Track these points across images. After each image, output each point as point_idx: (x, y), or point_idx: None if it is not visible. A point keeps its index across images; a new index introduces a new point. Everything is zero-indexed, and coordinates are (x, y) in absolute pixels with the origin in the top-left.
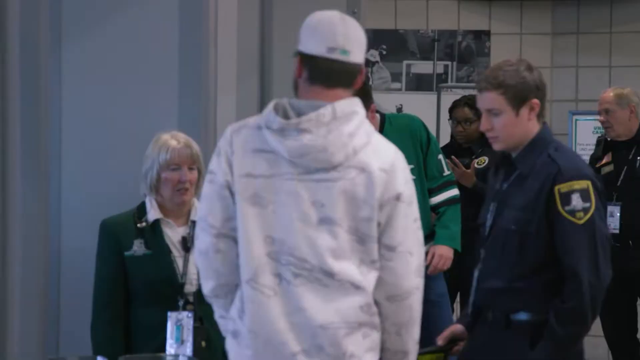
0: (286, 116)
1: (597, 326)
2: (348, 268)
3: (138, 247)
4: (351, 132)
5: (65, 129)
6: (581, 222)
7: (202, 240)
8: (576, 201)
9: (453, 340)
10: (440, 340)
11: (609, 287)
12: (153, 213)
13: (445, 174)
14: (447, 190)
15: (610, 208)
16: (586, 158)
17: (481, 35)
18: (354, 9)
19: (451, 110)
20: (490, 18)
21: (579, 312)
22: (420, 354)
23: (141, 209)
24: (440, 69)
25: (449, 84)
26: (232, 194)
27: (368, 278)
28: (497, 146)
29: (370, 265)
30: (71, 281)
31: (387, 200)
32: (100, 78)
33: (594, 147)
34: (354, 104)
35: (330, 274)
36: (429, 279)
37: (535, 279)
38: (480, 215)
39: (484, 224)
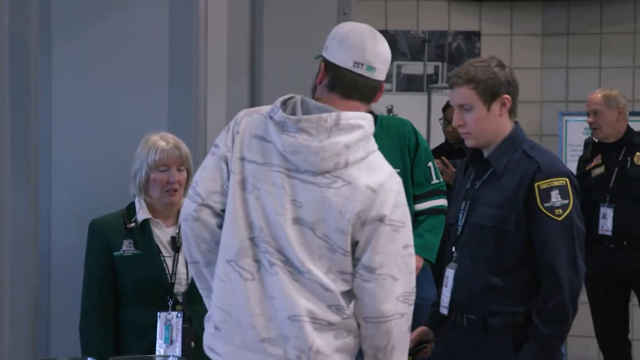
0: (294, 112)
1: (587, 326)
2: (316, 271)
3: (127, 247)
4: (348, 143)
5: (55, 129)
6: (560, 218)
7: (186, 206)
8: (555, 198)
9: (420, 342)
10: None
11: (603, 287)
12: (142, 213)
13: (433, 182)
14: (433, 199)
15: (603, 209)
16: (577, 159)
17: (471, 36)
18: (344, 9)
19: (444, 109)
20: (481, 19)
21: (561, 310)
22: None
23: (130, 209)
24: (430, 70)
25: (440, 84)
26: (228, 170)
27: (337, 284)
28: (469, 142)
29: (338, 275)
30: (61, 282)
31: (370, 220)
32: (91, 79)
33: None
34: (362, 118)
35: (300, 271)
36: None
37: (512, 278)
38: (450, 215)
39: (455, 223)
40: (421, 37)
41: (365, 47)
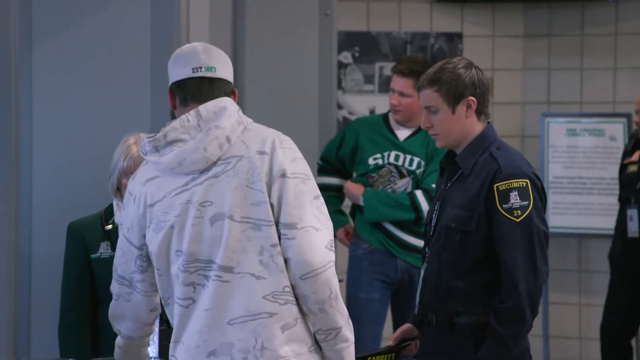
0: None
1: (568, 327)
2: (245, 260)
3: (104, 250)
4: (220, 124)
5: (36, 131)
6: (518, 220)
7: (115, 287)
8: (514, 199)
9: (404, 340)
10: (391, 341)
11: (622, 287)
12: (119, 215)
13: (427, 181)
14: (417, 190)
15: (629, 211)
16: (559, 160)
17: (454, 38)
18: (326, 10)
19: None
20: (463, 20)
21: (517, 311)
22: (371, 355)
23: (108, 211)
24: None
25: None
26: (145, 237)
27: (270, 266)
28: (438, 143)
29: (272, 250)
30: (42, 283)
31: (274, 180)
32: (72, 80)
33: (565, 149)
34: (221, 101)
35: (229, 269)
36: (413, 284)
37: (473, 279)
38: (427, 215)
39: (429, 223)
40: (403, 38)
41: (197, 53)
